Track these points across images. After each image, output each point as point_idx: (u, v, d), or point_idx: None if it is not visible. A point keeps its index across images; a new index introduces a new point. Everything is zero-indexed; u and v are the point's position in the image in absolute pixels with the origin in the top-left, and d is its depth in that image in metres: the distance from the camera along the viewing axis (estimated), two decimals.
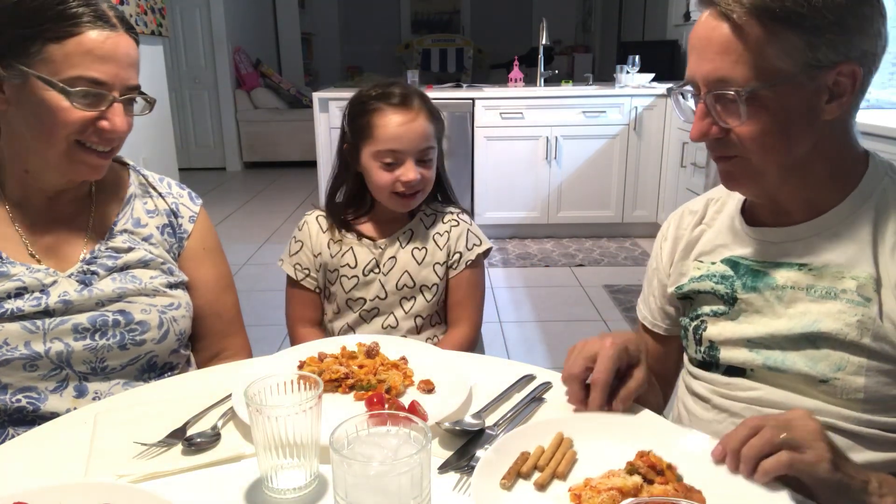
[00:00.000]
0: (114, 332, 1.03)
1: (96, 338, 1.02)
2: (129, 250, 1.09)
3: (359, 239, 1.40)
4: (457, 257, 1.40)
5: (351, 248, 1.39)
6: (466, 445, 0.82)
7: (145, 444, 0.82)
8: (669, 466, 0.73)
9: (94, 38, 0.94)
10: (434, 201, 1.46)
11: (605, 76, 6.57)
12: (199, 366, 1.20)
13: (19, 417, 0.99)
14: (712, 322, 0.98)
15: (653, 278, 1.10)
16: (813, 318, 0.87)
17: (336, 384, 0.96)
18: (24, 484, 0.74)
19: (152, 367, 1.09)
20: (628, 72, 4.47)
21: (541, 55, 4.62)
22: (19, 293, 0.99)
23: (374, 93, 1.34)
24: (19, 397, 0.99)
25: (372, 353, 1.05)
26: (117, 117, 0.98)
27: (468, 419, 0.86)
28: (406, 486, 0.62)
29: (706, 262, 1.00)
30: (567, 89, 4.40)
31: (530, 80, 4.73)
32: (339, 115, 4.57)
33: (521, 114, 4.25)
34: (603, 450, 0.79)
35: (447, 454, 0.80)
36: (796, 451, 0.69)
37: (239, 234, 4.75)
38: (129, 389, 1.04)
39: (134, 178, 1.17)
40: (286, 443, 0.71)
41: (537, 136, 4.27)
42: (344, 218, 1.41)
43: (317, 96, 4.20)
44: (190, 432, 0.85)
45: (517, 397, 0.94)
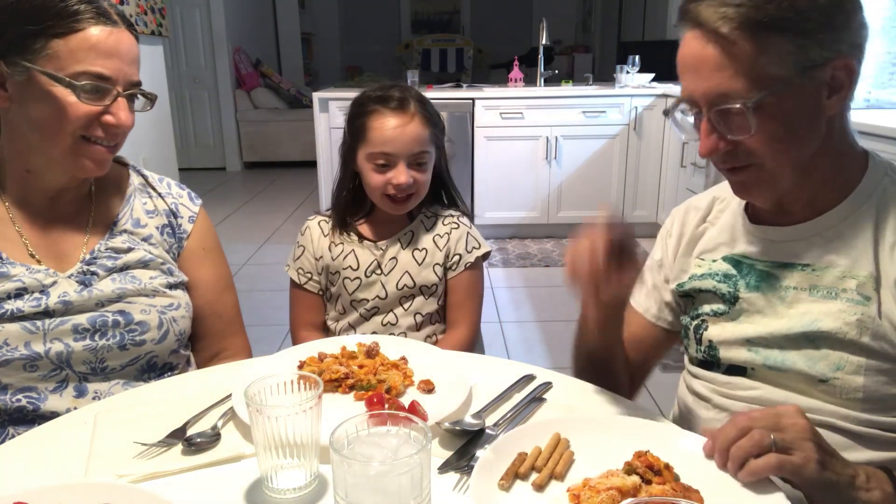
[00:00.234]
0: (113, 333, 1.03)
1: (96, 338, 1.02)
2: (129, 251, 1.09)
3: (360, 241, 1.41)
4: (456, 259, 1.41)
5: (352, 250, 1.41)
6: (466, 445, 0.82)
7: (145, 444, 0.82)
8: (667, 466, 0.73)
9: (97, 34, 0.95)
10: (436, 203, 1.47)
11: (605, 76, 6.57)
12: (199, 366, 1.20)
13: (19, 417, 1.00)
14: (713, 322, 0.98)
15: (658, 274, 1.10)
16: (813, 317, 0.87)
17: (336, 384, 0.96)
18: (24, 484, 0.74)
19: (152, 367, 1.09)
20: (628, 72, 4.47)
21: (541, 55, 4.62)
22: (19, 294, 0.99)
23: (374, 95, 1.35)
24: (19, 397, 0.99)
25: (372, 353, 1.05)
26: (122, 112, 0.99)
27: (468, 419, 0.86)
28: (406, 486, 0.62)
29: (707, 260, 1.00)
30: (567, 89, 4.40)
31: (530, 80, 4.73)
32: (339, 115, 4.57)
33: (521, 114, 4.25)
34: (601, 450, 0.79)
35: (447, 454, 0.80)
36: (784, 452, 0.70)
37: (239, 234, 4.75)
38: (129, 389, 1.04)
39: (134, 178, 1.17)
40: (286, 443, 0.72)
41: (537, 136, 4.27)
42: (346, 218, 1.43)
43: (317, 96, 4.20)
44: (190, 432, 0.85)
45: (517, 397, 0.95)
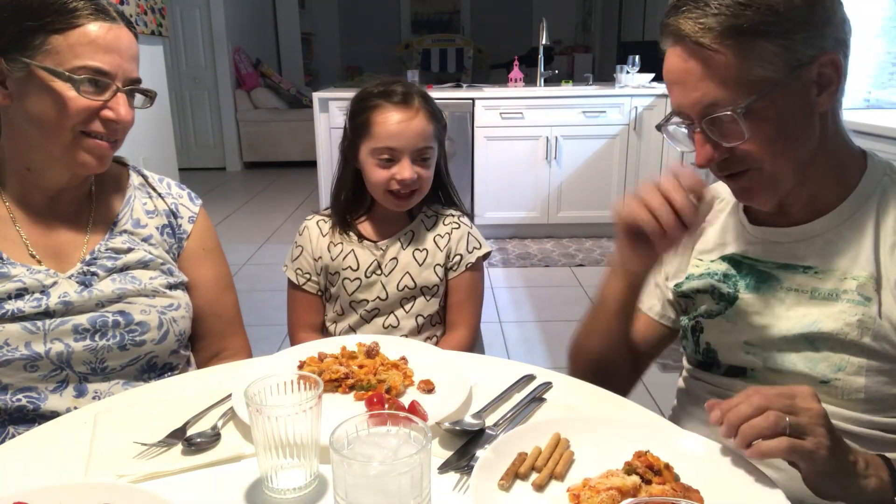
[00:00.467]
0: (114, 333, 1.03)
1: (96, 338, 1.02)
2: (129, 251, 1.09)
3: (360, 241, 1.40)
4: (457, 259, 1.40)
5: (352, 250, 1.39)
6: (466, 445, 0.82)
7: (145, 444, 0.82)
8: (667, 466, 0.73)
9: (96, 30, 0.96)
10: (435, 202, 1.46)
11: (605, 76, 6.56)
12: (198, 366, 1.20)
13: (19, 416, 1.00)
14: (710, 323, 0.98)
15: (659, 271, 1.10)
16: (813, 319, 0.87)
17: (336, 384, 0.96)
18: (24, 484, 0.74)
19: (152, 367, 1.09)
20: (628, 72, 4.47)
21: (541, 55, 4.62)
22: (20, 294, 0.99)
23: (376, 90, 1.34)
24: (19, 397, 0.99)
25: (372, 353, 1.05)
26: (121, 107, 0.99)
27: (468, 419, 0.86)
28: (406, 486, 0.62)
29: (706, 260, 1.00)
30: (567, 89, 4.40)
31: (530, 80, 4.73)
32: (340, 115, 4.56)
33: (521, 114, 4.24)
34: (600, 450, 0.79)
35: (447, 454, 0.80)
36: (796, 436, 0.69)
37: (239, 234, 4.75)
38: (129, 389, 1.04)
39: (134, 178, 1.17)
40: (286, 443, 0.72)
41: (537, 136, 4.27)
42: (346, 217, 1.41)
43: (317, 96, 4.20)
44: (190, 432, 0.85)
45: (517, 397, 0.95)
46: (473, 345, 1.45)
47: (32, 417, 1.00)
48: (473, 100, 4.22)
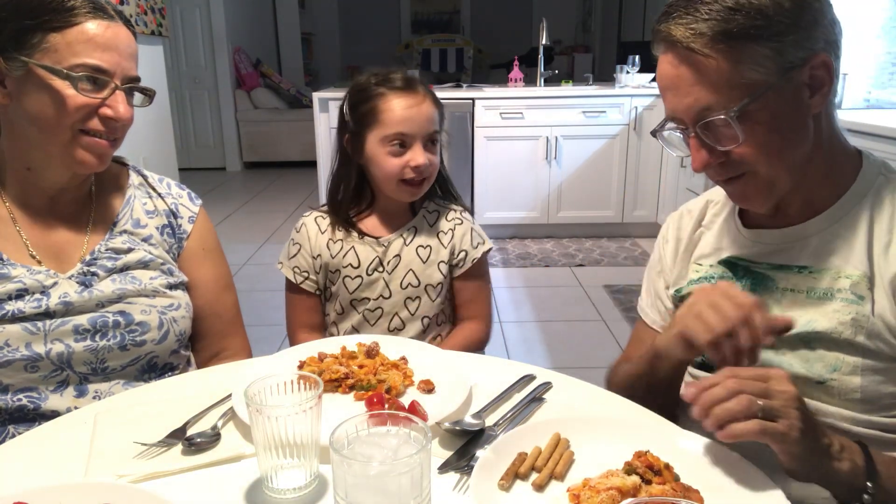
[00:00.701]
0: (114, 333, 1.03)
1: (97, 339, 1.02)
2: (129, 251, 1.09)
3: (360, 237, 1.37)
4: (462, 255, 1.39)
5: (353, 247, 1.36)
6: (466, 445, 0.82)
7: (145, 444, 0.82)
8: (667, 466, 0.73)
9: (94, 28, 0.96)
10: (435, 196, 1.44)
11: (605, 76, 6.56)
12: (198, 366, 1.20)
13: (20, 416, 1.00)
14: None
15: (658, 280, 1.10)
16: (808, 318, 0.87)
17: (336, 384, 0.96)
18: (24, 484, 0.74)
19: (152, 367, 1.09)
20: (628, 72, 4.47)
21: (541, 55, 4.62)
22: (20, 295, 0.99)
23: (376, 79, 1.31)
24: (20, 397, 0.99)
25: (372, 353, 1.05)
26: (120, 105, 0.99)
27: (468, 419, 0.86)
28: (406, 486, 0.62)
29: (705, 265, 1.01)
30: (567, 89, 4.40)
31: (530, 80, 4.73)
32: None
33: (521, 114, 4.24)
34: (600, 450, 0.79)
35: (447, 454, 0.80)
36: (769, 419, 0.69)
37: (239, 234, 4.75)
38: (130, 389, 1.04)
39: (134, 178, 1.17)
40: (286, 443, 0.72)
41: (537, 136, 4.27)
42: (347, 213, 1.38)
43: (317, 96, 4.20)
44: (190, 432, 0.85)
45: (517, 397, 0.95)
46: (489, 335, 1.43)
47: (33, 417, 1.00)
48: (473, 100, 4.22)
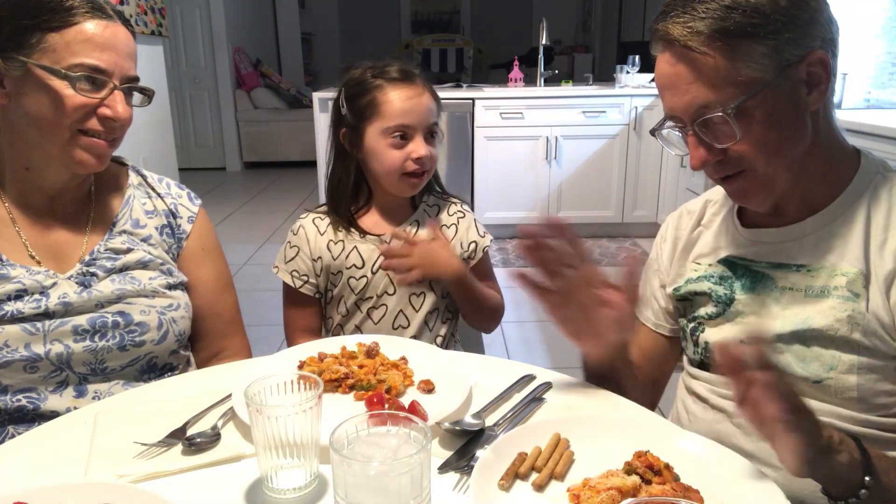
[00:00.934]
0: (113, 334, 1.03)
1: (96, 339, 1.02)
2: (128, 251, 1.09)
3: (362, 236, 1.34)
4: (472, 246, 1.38)
5: (355, 246, 1.33)
6: (466, 445, 0.82)
7: (145, 444, 0.82)
8: (667, 466, 0.73)
9: (92, 27, 0.96)
10: (432, 190, 1.42)
11: (605, 76, 6.56)
12: (198, 366, 1.20)
13: (19, 416, 1.00)
14: (709, 324, 0.98)
15: (653, 279, 1.10)
16: (805, 315, 0.87)
17: (336, 384, 0.96)
18: (24, 484, 0.74)
19: (152, 367, 1.09)
20: (628, 72, 4.48)
21: (541, 55, 4.62)
22: (19, 295, 0.99)
23: (371, 72, 1.30)
24: (19, 397, 0.99)
25: (372, 353, 1.05)
26: (119, 104, 0.99)
27: (468, 419, 0.86)
28: (406, 486, 0.62)
29: (703, 264, 1.01)
30: (567, 89, 4.40)
31: (530, 80, 4.73)
32: None
33: (521, 114, 4.24)
34: (600, 450, 0.79)
35: (447, 454, 0.80)
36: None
37: (239, 234, 4.75)
38: (129, 390, 1.04)
39: (133, 178, 1.17)
40: (286, 443, 0.71)
41: (537, 136, 4.27)
42: (349, 212, 1.35)
43: (317, 96, 4.19)
44: (190, 432, 0.85)
45: (517, 397, 0.95)
46: (504, 309, 1.43)
47: (32, 417, 1.00)
48: (473, 100, 4.22)
